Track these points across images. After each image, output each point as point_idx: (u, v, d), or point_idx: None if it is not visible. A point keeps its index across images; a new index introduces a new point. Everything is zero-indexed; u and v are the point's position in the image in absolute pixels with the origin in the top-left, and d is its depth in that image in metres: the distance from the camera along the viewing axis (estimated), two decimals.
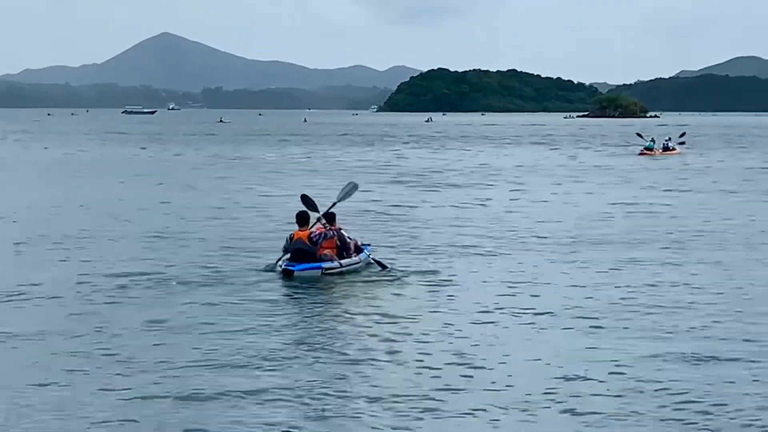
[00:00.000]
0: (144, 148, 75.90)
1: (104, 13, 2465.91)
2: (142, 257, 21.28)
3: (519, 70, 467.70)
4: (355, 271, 19.07)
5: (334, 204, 19.91)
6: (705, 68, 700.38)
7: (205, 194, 37.46)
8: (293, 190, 31.06)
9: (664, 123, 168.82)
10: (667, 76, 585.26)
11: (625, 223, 28.27)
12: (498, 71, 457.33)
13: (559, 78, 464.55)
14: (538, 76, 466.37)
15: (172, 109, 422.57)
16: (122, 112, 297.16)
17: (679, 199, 35.93)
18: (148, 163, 57.23)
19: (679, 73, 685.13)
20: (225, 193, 37.62)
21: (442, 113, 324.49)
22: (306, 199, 19.80)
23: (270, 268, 18.94)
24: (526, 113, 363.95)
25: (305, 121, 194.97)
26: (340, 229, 19.51)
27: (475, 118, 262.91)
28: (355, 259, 19.26)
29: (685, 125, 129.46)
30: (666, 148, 67.89)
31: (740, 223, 28.27)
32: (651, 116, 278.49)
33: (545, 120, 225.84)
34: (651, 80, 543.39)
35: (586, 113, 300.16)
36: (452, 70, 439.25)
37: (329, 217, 19.46)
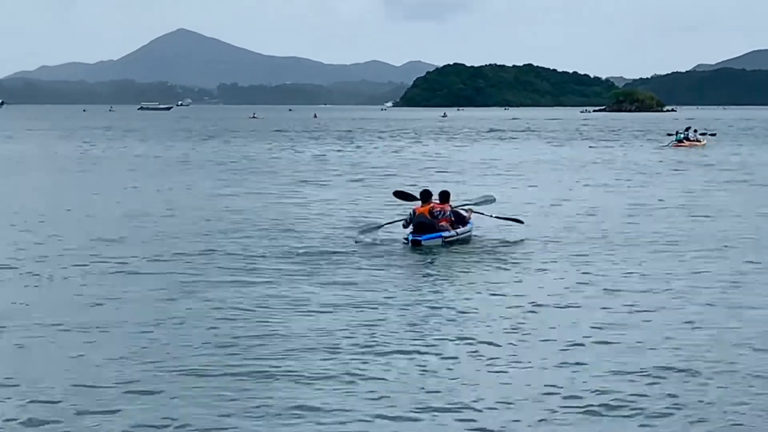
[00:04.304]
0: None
1: (120, 10, 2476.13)
2: (277, 234, 23.62)
3: (535, 64, 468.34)
4: (468, 239, 21.80)
5: (462, 206, 23.19)
6: (722, 62, 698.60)
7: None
8: None
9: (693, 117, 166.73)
10: (683, 70, 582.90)
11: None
12: (514, 66, 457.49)
13: (575, 72, 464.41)
14: (555, 70, 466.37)
15: (180, 104, 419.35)
16: (138, 109, 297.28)
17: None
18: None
19: (696, 66, 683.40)
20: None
21: (457, 108, 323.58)
22: (401, 193, 24.36)
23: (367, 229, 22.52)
24: (543, 108, 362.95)
25: (315, 116, 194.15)
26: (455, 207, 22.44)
27: (497, 112, 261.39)
28: (467, 227, 22.01)
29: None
30: (687, 138, 69.51)
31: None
32: (668, 110, 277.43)
33: (568, 115, 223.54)
34: (668, 74, 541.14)
35: (602, 107, 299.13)
36: (468, 65, 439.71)
37: (444, 195, 22.15)
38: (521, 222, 23.39)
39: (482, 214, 23.00)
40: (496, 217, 23.15)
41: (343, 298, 15.95)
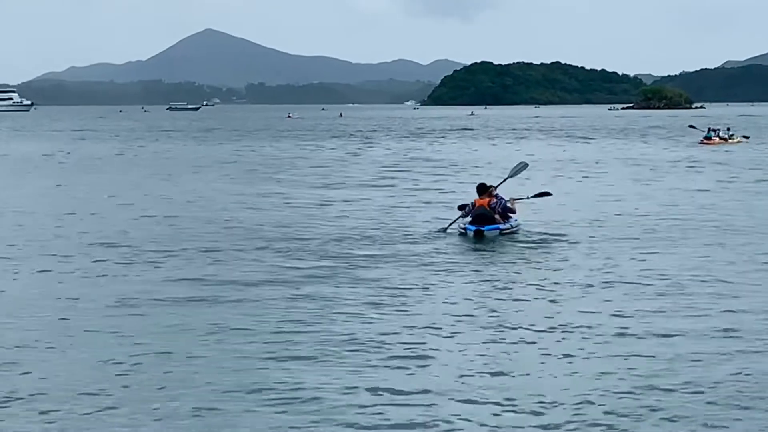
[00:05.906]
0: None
1: (148, 10, 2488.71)
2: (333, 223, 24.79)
3: (563, 62, 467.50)
4: (518, 231, 22.90)
5: (504, 180, 24.45)
6: (751, 58, 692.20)
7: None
8: None
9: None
10: (712, 67, 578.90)
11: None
12: (542, 63, 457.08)
13: (603, 70, 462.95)
14: (582, 68, 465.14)
15: (206, 104, 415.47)
16: (167, 109, 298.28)
17: None
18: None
19: (725, 63, 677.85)
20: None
21: (484, 107, 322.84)
22: (482, 186, 24.11)
23: (443, 230, 23.31)
24: (571, 105, 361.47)
25: (341, 115, 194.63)
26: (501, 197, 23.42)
27: (529, 111, 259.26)
28: (517, 221, 23.16)
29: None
30: (718, 137, 69.57)
31: None
32: (696, 107, 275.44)
33: (601, 112, 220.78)
34: (696, 71, 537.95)
35: (630, 105, 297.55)
36: (495, 63, 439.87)
37: (482, 187, 23.39)
38: (550, 194, 24.93)
39: (521, 199, 23.78)
40: (532, 197, 24.34)
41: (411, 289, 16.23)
